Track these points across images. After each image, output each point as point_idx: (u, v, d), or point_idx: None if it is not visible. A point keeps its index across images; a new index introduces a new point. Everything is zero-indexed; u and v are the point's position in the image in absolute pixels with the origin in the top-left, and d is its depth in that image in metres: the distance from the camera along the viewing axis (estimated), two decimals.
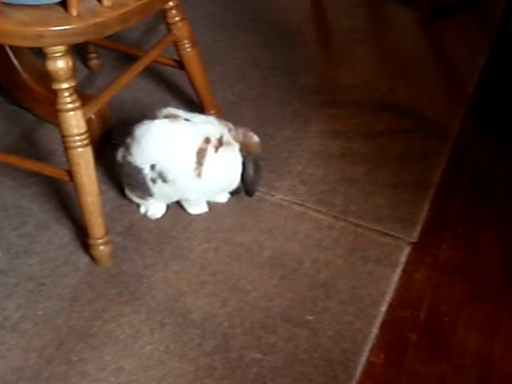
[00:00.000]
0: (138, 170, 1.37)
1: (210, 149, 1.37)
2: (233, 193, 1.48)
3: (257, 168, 1.44)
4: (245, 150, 1.42)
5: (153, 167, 1.36)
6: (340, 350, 1.24)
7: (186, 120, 1.40)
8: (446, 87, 1.89)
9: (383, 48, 2.03)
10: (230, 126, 1.43)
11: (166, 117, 1.40)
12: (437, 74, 1.94)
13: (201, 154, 1.37)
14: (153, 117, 1.41)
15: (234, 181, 1.43)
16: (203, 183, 1.39)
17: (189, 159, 1.36)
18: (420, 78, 1.91)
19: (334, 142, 1.68)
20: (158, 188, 1.39)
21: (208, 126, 1.40)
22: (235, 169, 1.41)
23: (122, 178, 1.44)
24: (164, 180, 1.37)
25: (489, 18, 2.16)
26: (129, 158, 1.38)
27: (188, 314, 1.28)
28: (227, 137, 1.40)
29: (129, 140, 1.39)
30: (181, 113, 1.43)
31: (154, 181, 1.38)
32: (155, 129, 1.38)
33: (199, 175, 1.37)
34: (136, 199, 1.45)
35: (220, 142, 1.38)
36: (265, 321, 1.28)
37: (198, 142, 1.37)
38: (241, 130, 1.43)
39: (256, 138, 1.44)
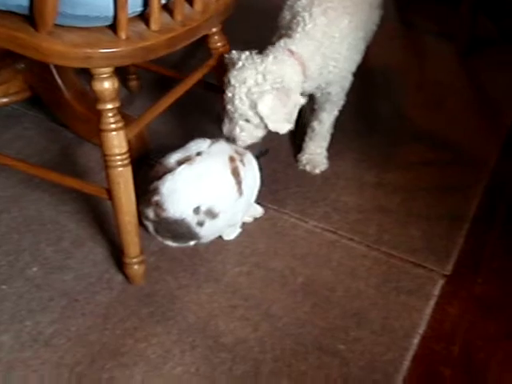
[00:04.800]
0: (180, 221, 1.34)
1: (239, 164, 1.40)
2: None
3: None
4: None
5: (197, 210, 1.34)
6: (371, 381, 1.23)
7: (198, 154, 1.40)
8: (483, 119, 1.89)
9: (420, 79, 2.04)
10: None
11: (180, 162, 1.38)
12: (474, 106, 1.94)
13: (235, 173, 1.39)
14: (167, 169, 1.38)
15: (258, 185, 1.47)
16: (244, 198, 1.41)
17: (229, 184, 1.38)
18: (457, 110, 1.91)
19: (368, 171, 1.68)
20: (205, 229, 1.36)
21: (219, 146, 1.43)
22: (257, 173, 1.47)
23: (160, 234, 1.39)
24: (213, 216, 1.36)
25: None
26: (165, 215, 1.34)
27: (219, 337, 1.28)
28: (237, 147, 1.43)
29: (156, 198, 1.34)
30: (188, 151, 1.41)
31: (201, 224, 1.35)
32: (181, 179, 1.35)
33: (241, 193, 1.39)
34: (181, 245, 1.42)
35: (240, 154, 1.42)
36: (296, 348, 1.27)
37: (227, 165, 1.38)
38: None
39: None
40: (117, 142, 1.24)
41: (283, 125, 1.43)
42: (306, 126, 1.67)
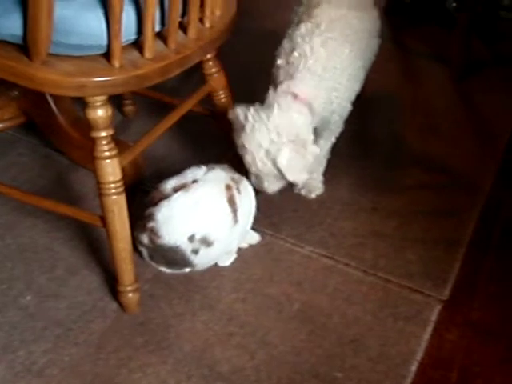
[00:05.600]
0: (175, 249, 1.35)
1: (235, 192, 1.40)
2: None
3: None
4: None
5: (191, 238, 1.35)
6: None
7: (194, 181, 1.40)
8: (478, 143, 1.89)
9: (415, 102, 2.04)
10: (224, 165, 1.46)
11: (175, 189, 1.39)
12: (468, 130, 1.94)
13: (231, 201, 1.39)
14: (163, 195, 1.38)
15: (254, 211, 1.46)
16: (240, 226, 1.41)
17: (225, 212, 1.38)
18: (451, 134, 1.91)
19: (364, 195, 1.68)
20: (200, 257, 1.37)
21: (215, 173, 1.43)
22: (253, 199, 1.46)
23: (155, 260, 1.40)
24: (208, 245, 1.36)
25: None
26: (160, 241, 1.35)
27: (215, 366, 1.27)
28: (234, 174, 1.43)
29: (151, 224, 1.35)
30: (184, 178, 1.41)
31: (195, 251, 1.36)
32: (178, 204, 1.36)
33: (236, 221, 1.39)
34: (175, 272, 1.42)
35: (236, 182, 1.42)
36: (292, 376, 1.26)
37: (223, 193, 1.39)
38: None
39: None
40: (111, 169, 1.23)
41: (301, 175, 1.43)
42: None
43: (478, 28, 2.25)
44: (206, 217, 1.36)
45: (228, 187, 1.39)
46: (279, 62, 1.50)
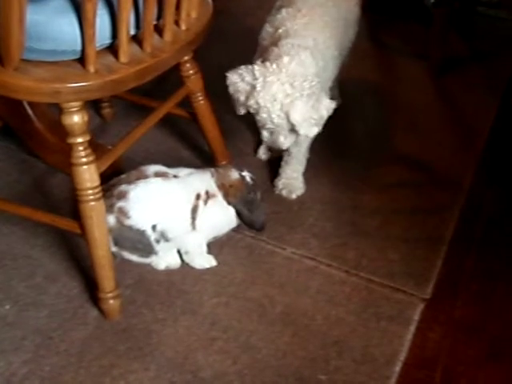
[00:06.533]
0: (141, 232, 1.37)
1: (201, 204, 1.41)
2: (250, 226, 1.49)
3: (251, 205, 1.45)
4: (231, 193, 1.43)
5: (154, 228, 1.37)
6: None
7: (175, 176, 1.43)
8: (458, 139, 1.89)
9: (394, 99, 2.04)
10: (212, 170, 1.46)
11: (157, 175, 1.41)
12: (448, 126, 1.95)
13: (194, 209, 1.41)
14: (142, 175, 1.41)
15: (224, 226, 1.47)
16: (198, 234, 1.42)
17: (185, 216, 1.40)
18: (431, 130, 1.91)
19: (345, 194, 1.68)
20: (160, 246, 1.40)
21: (195, 179, 1.44)
22: (222, 216, 1.45)
23: (120, 245, 1.40)
24: (166, 239, 1.39)
25: (498, 70, 2.18)
26: (128, 222, 1.36)
27: (198, 371, 1.26)
28: (211, 188, 1.43)
29: (121, 203, 1.36)
30: (166, 169, 1.44)
31: (157, 241, 1.39)
32: (153, 189, 1.39)
33: (194, 228, 1.41)
34: (136, 259, 1.43)
35: (207, 195, 1.42)
36: (276, 380, 1.25)
37: (191, 199, 1.41)
38: (221, 171, 1.46)
39: (235, 175, 1.45)
40: (88, 176, 1.21)
41: (312, 128, 1.41)
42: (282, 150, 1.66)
43: (457, 24, 2.26)
44: (168, 212, 1.38)
45: (198, 197, 1.41)
46: (264, 42, 1.53)
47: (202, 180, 1.44)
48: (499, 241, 1.58)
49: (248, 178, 1.46)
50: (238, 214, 1.45)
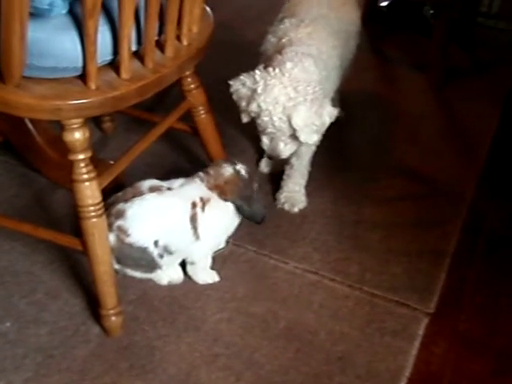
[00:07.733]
0: (143, 249, 1.36)
1: (199, 211, 1.39)
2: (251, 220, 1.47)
3: (250, 198, 1.43)
4: (228, 189, 1.41)
5: (156, 243, 1.36)
6: None
7: (169, 189, 1.42)
8: (459, 152, 1.89)
9: (395, 111, 2.04)
10: (200, 175, 1.44)
11: (151, 189, 1.40)
12: (449, 138, 1.94)
13: (193, 219, 1.39)
14: (137, 192, 1.40)
15: (229, 226, 1.46)
16: (203, 243, 1.41)
17: (186, 228, 1.39)
18: (432, 142, 1.91)
19: (346, 208, 1.67)
20: (164, 261, 1.39)
21: (187, 189, 1.42)
22: (223, 216, 1.43)
23: (122, 263, 1.39)
24: (169, 253, 1.38)
25: (499, 80, 2.18)
26: (128, 240, 1.35)
27: None
28: (204, 193, 1.41)
29: (120, 222, 1.35)
30: (160, 183, 1.43)
31: (161, 256, 1.38)
32: (150, 205, 1.38)
33: (198, 237, 1.40)
34: (140, 275, 1.42)
35: (203, 201, 1.40)
36: None
37: (188, 209, 1.39)
38: (212, 172, 1.43)
39: (229, 171, 1.43)
40: (90, 192, 1.21)
41: (312, 135, 1.41)
42: (284, 164, 1.66)
43: (457, 35, 2.26)
44: (167, 226, 1.38)
45: (194, 205, 1.39)
46: (268, 52, 1.54)
47: (194, 188, 1.42)
48: (502, 253, 1.57)
49: (243, 171, 1.44)
50: (238, 209, 1.43)
